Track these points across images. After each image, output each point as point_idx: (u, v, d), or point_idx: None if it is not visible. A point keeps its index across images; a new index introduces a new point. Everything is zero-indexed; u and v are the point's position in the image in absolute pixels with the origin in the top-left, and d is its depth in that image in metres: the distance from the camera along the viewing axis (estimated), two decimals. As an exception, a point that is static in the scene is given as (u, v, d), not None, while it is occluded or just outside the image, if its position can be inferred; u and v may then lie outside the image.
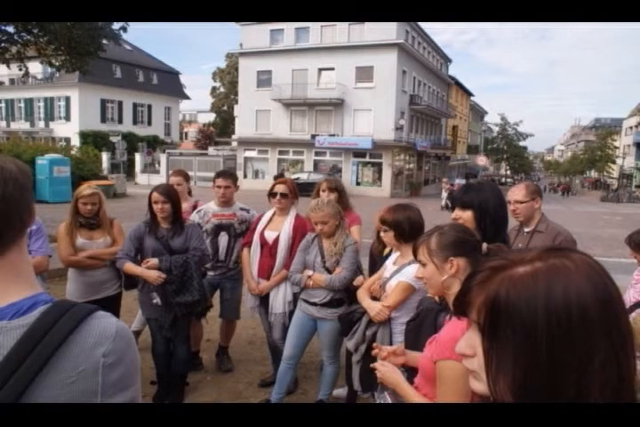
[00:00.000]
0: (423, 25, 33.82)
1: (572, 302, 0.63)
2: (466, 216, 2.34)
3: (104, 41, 10.66)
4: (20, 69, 10.74)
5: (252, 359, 4.37)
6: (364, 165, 30.00)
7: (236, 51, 33.79)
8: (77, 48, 9.98)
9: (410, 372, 1.91)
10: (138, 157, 32.26)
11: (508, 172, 60.29)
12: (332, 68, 29.34)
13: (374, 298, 2.80)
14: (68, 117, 35.75)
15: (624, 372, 0.64)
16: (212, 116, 54.91)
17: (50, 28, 9.40)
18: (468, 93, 51.73)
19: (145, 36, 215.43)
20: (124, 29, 10.40)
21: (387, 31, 27.58)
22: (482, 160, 37.57)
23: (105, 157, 30.17)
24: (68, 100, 35.39)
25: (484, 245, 1.81)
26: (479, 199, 2.34)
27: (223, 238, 3.94)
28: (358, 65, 28.46)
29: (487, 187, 2.48)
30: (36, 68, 14.95)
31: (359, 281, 3.11)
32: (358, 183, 29.56)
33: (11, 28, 9.73)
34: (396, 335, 2.64)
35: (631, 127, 52.96)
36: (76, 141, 32.29)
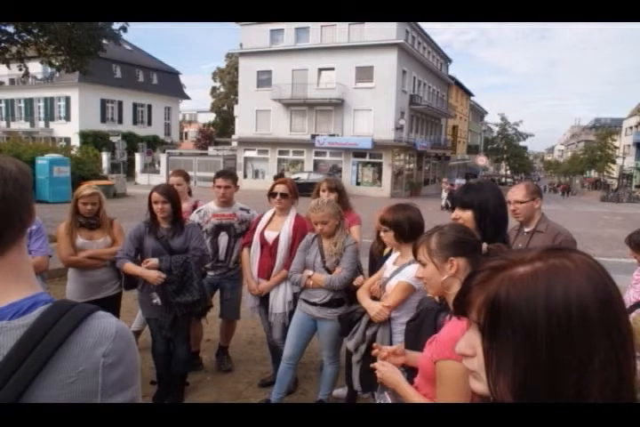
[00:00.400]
0: (423, 25, 33.88)
1: (572, 302, 0.63)
2: (466, 216, 2.34)
3: (104, 41, 10.66)
4: (20, 69, 10.74)
5: (252, 359, 4.37)
6: (364, 165, 30.00)
7: (235, 51, 33.79)
8: (77, 48, 9.98)
9: (410, 372, 1.91)
10: (138, 157, 32.25)
11: (508, 172, 60.27)
12: (332, 68, 29.34)
13: (374, 298, 2.80)
14: (68, 117, 35.74)
15: (624, 372, 0.64)
16: (212, 116, 54.89)
17: (50, 28, 9.40)
18: (468, 93, 51.72)
19: (145, 36, 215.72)
20: (124, 29, 10.41)
21: (387, 31, 27.58)
22: (482, 160, 37.57)
23: (105, 157, 30.17)
24: (68, 100, 35.39)
25: (484, 245, 1.81)
26: (479, 199, 2.34)
27: (223, 238, 3.94)
28: (358, 65, 28.45)
29: (487, 187, 2.48)
30: (36, 68, 14.94)
31: (359, 281, 3.11)
32: (358, 183, 29.55)
33: (11, 28, 9.74)
34: (396, 335, 2.64)
35: (631, 127, 52.95)
36: (76, 141, 32.28)
